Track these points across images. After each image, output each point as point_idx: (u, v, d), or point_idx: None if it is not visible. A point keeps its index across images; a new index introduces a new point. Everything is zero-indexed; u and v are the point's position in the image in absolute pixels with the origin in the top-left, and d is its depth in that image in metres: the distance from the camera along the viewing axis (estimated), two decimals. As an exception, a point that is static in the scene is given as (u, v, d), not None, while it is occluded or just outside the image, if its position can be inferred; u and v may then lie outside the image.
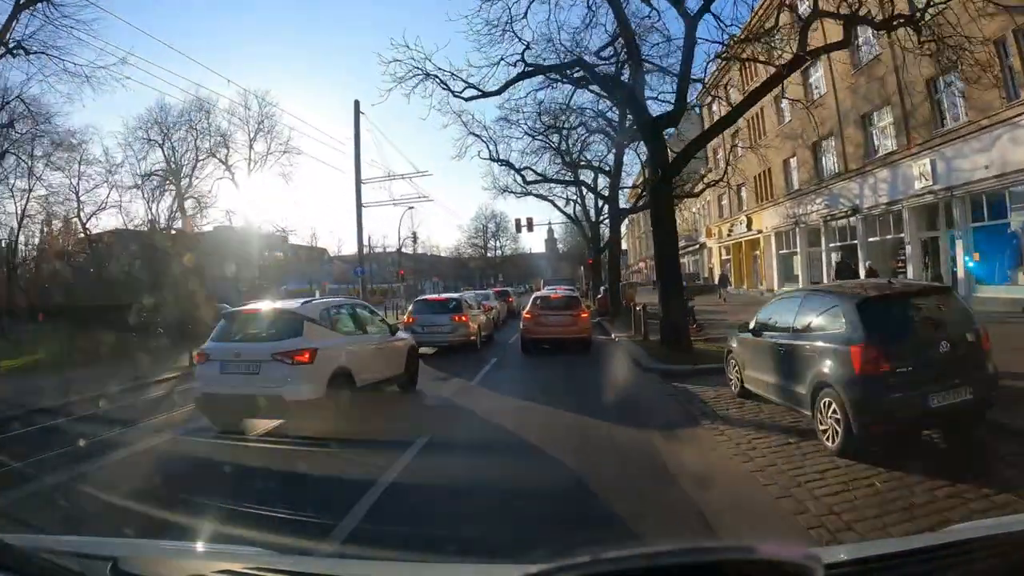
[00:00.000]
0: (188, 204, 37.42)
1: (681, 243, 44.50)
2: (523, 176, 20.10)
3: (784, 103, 27.28)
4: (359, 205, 23.38)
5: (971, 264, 16.52)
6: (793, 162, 26.47)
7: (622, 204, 33.68)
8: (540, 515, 4.01)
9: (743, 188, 31.56)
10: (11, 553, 1.18)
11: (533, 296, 13.87)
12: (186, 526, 3.65)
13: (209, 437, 6.68)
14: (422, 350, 13.12)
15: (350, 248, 71.50)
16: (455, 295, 14.26)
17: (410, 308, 13.84)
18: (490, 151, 19.47)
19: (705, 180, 23.31)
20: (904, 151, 18.94)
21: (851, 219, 22.15)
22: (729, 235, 33.11)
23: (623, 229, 33.61)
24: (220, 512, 3.93)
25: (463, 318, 12.81)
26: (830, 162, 23.74)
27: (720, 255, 35.60)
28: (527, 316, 12.92)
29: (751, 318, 7.46)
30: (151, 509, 3.91)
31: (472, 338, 12.97)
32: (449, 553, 3.17)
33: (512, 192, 29.55)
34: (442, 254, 74.18)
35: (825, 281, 24.17)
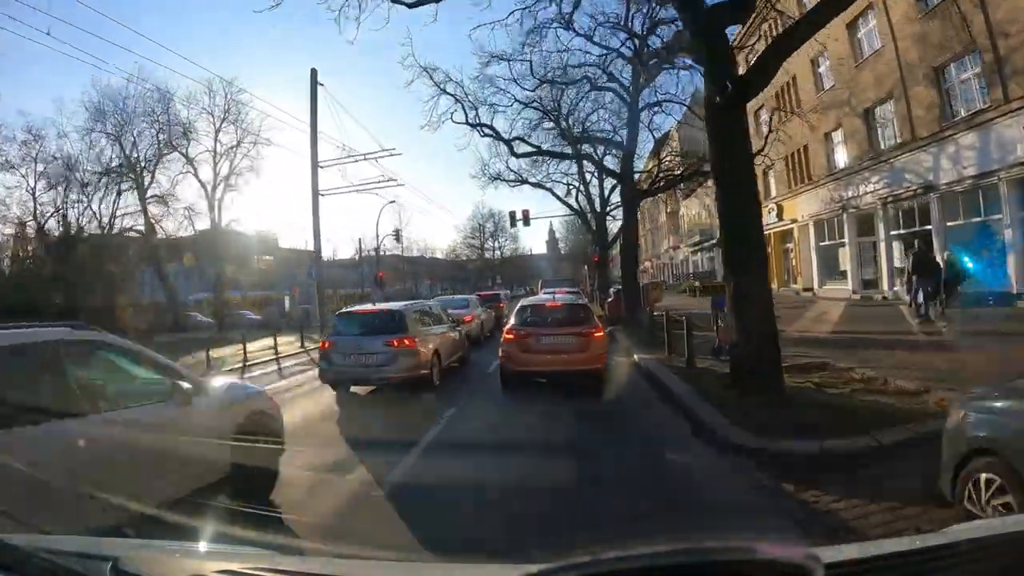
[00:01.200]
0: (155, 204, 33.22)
1: (695, 238, 40.01)
2: (512, 148, 15.44)
3: (823, 67, 22.63)
4: (315, 190, 18.87)
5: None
6: (837, 136, 21.77)
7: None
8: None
9: (771, 172, 26.83)
10: (11, 553, 1.17)
11: (519, 305, 9.02)
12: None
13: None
14: (352, 390, 8.49)
15: (346, 251, 66.97)
16: (400, 304, 9.18)
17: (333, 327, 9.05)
18: (466, 113, 14.86)
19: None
20: (999, 108, 14.29)
21: (922, 199, 17.43)
22: (754, 226, 28.33)
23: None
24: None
25: (408, 342, 7.91)
26: (890, 131, 19.02)
27: (743, 250, 30.81)
28: (508, 336, 8.18)
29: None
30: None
31: (423, 372, 8.15)
32: (449, 553, 2.99)
33: (504, 180, 24.92)
34: (438, 255, 69.66)
35: (886, 277, 19.50)
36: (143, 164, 32.06)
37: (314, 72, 19.94)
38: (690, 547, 0.82)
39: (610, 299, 19.03)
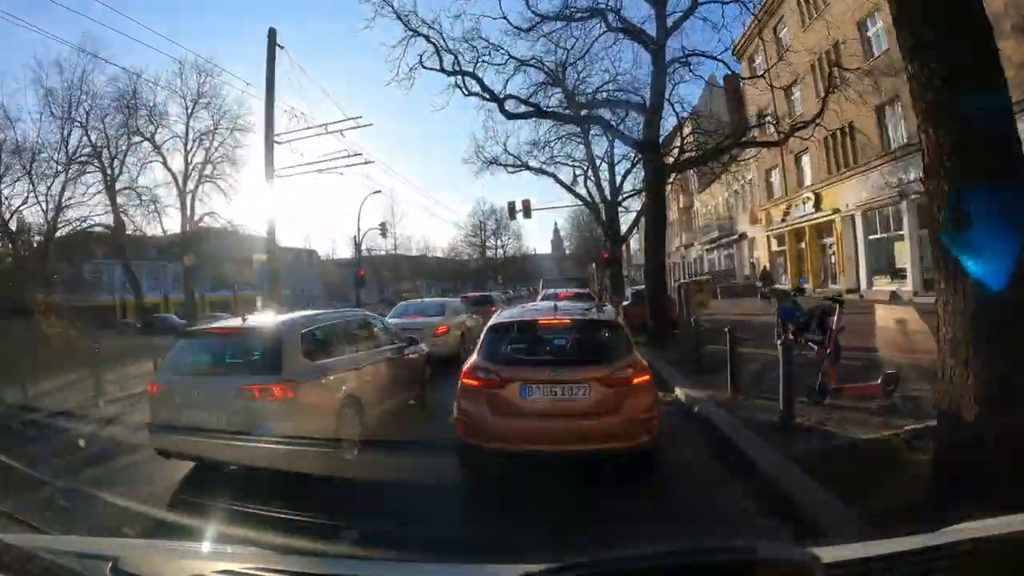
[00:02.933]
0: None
1: (712, 234, 36.17)
2: (504, 108, 11.76)
3: (872, 29, 18.98)
4: (270, 168, 15.44)
5: None
6: (893, 109, 18.07)
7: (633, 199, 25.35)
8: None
9: (805, 156, 23.20)
10: (11, 553, 1.10)
11: (491, 321, 4.99)
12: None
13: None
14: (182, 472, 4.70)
15: (344, 251, 63.23)
16: (281, 319, 5.11)
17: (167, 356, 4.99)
18: (441, 57, 11.22)
19: (780, 125, 14.78)
20: None
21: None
22: (784, 220, 24.62)
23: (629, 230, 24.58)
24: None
25: (281, 390, 4.15)
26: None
27: (769, 246, 27.09)
28: (470, 382, 4.32)
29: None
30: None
31: (317, 443, 4.21)
32: (449, 553, 2.48)
33: (502, 165, 21.50)
34: (440, 255, 66.06)
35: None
36: (112, 153, 28.80)
37: (272, 32, 16.54)
38: (691, 547, 0.79)
39: (627, 302, 15.28)
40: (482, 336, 4.73)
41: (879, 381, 6.06)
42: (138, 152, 28.90)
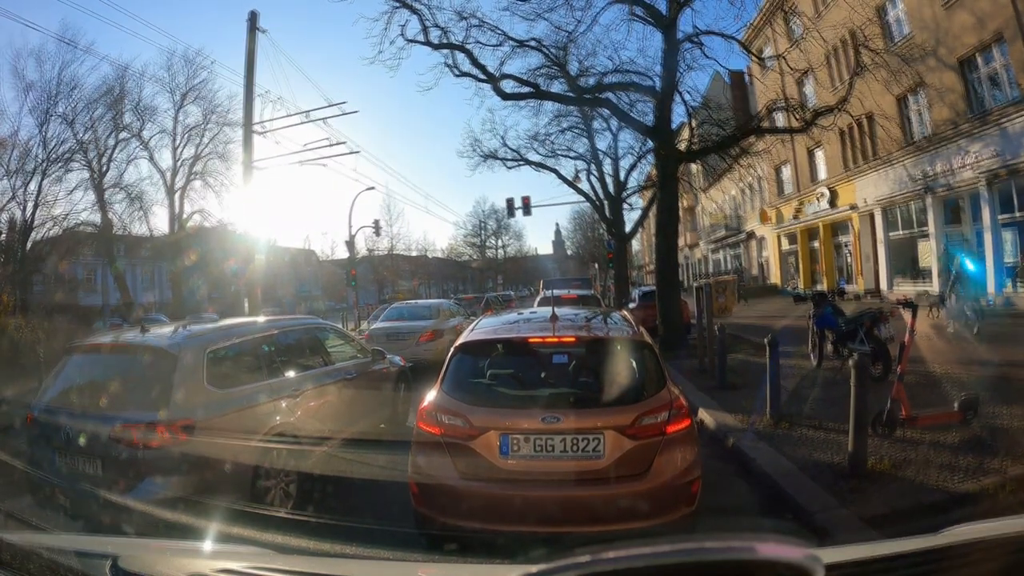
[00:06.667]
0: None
1: (720, 233, 34.98)
2: (498, 85, 10.45)
3: (892, 13, 17.74)
4: (248, 154, 14.37)
5: None
6: (916, 100, 16.82)
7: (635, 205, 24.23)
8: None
9: (818, 150, 21.96)
10: (12, 551, 1.13)
11: (462, 339, 3.43)
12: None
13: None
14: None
15: (344, 251, 62.02)
16: (179, 334, 3.64)
17: None
18: (425, 27, 9.98)
19: (802, 112, 13.45)
20: None
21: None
22: (796, 217, 23.34)
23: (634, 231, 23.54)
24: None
25: (165, 430, 2.98)
26: (999, 83, 14.12)
27: (780, 245, 25.81)
28: (428, 428, 3.01)
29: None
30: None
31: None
32: (449, 553, 2.77)
33: (500, 159, 20.33)
34: (440, 255, 64.81)
35: (992, 277, 14.59)
36: (101, 149, 27.68)
37: (253, 15, 15.46)
38: (690, 546, 0.78)
39: (633, 304, 13.99)
40: (447, 361, 3.34)
41: (956, 407, 4.88)
42: (126, 149, 27.76)
